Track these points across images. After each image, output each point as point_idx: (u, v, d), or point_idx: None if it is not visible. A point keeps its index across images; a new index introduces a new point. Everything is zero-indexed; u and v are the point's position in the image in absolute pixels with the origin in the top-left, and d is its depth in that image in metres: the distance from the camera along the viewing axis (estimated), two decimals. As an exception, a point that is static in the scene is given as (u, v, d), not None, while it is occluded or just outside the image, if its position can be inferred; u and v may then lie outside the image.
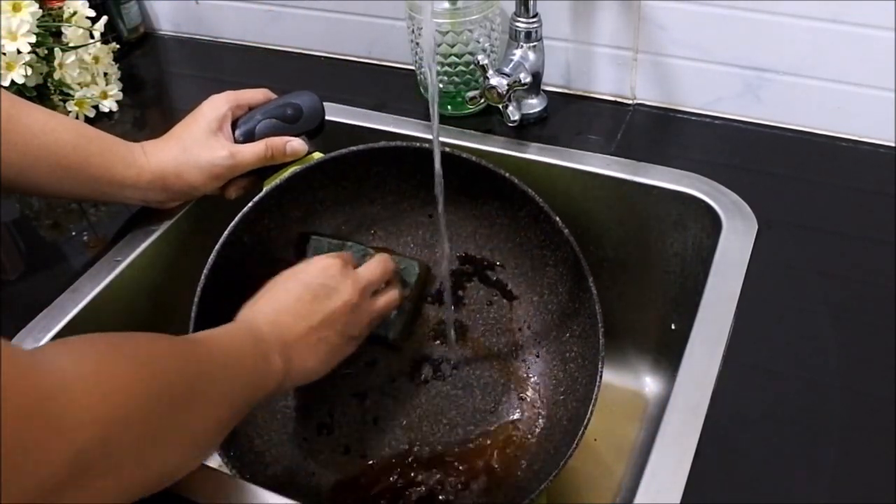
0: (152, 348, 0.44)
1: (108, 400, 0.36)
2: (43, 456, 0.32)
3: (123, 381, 0.38)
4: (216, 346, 0.49)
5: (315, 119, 0.71)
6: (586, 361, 0.65)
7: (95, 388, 0.36)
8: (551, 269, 0.69)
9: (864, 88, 0.73)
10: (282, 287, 0.59)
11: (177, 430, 0.42)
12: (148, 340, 0.44)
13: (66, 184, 0.64)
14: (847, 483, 0.50)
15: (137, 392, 0.39)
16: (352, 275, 0.61)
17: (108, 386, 0.37)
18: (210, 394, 0.45)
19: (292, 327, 0.56)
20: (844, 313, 0.60)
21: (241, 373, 0.50)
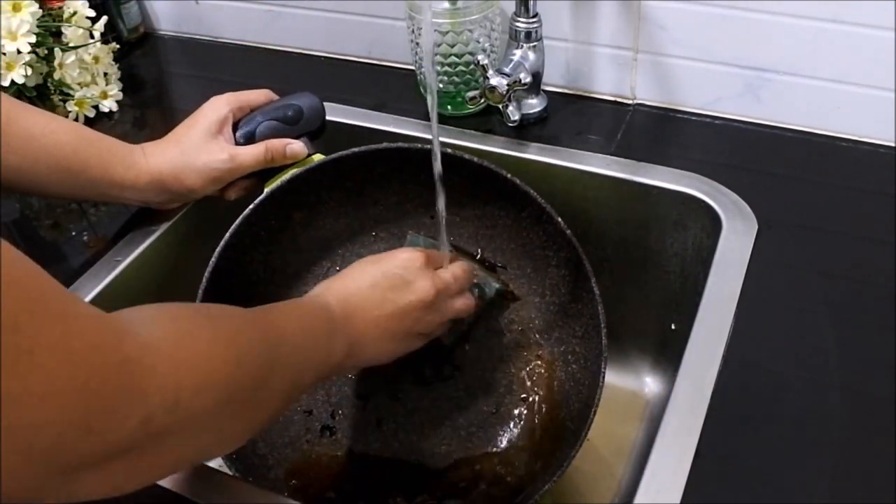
0: (232, 320, 0.43)
1: (186, 370, 0.36)
2: (117, 417, 0.32)
3: (202, 349, 0.38)
4: (290, 320, 0.49)
5: (316, 120, 0.71)
6: (589, 362, 0.65)
7: (174, 355, 0.36)
8: (553, 269, 0.69)
9: (864, 88, 0.73)
10: (360, 270, 0.58)
11: (247, 401, 0.41)
12: (227, 312, 0.44)
13: (66, 185, 0.64)
14: (847, 483, 0.50)
15: (214, 361, 0.39)
16: (433, 273, 0.60)
17: (186, 353, 0.37)
18: (282, 367, 0.45)
19: (363, 312, 0.55)
20: (844, 313, 0.60)
21: (311, 349, 0.50)
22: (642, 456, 0.74)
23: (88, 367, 0.30)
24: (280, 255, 0.69)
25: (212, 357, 0.39)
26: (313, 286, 0.70)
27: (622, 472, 0.79)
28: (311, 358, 0.50)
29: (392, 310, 0.57)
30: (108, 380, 0.31)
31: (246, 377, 0.41)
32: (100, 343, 0.32)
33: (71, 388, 0.29)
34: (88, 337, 0.31)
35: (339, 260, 0.72)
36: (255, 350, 0.43)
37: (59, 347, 0.29)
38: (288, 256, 0.70)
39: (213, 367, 0.38)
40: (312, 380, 0.50)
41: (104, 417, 0.31)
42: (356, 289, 0.56)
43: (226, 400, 0.39)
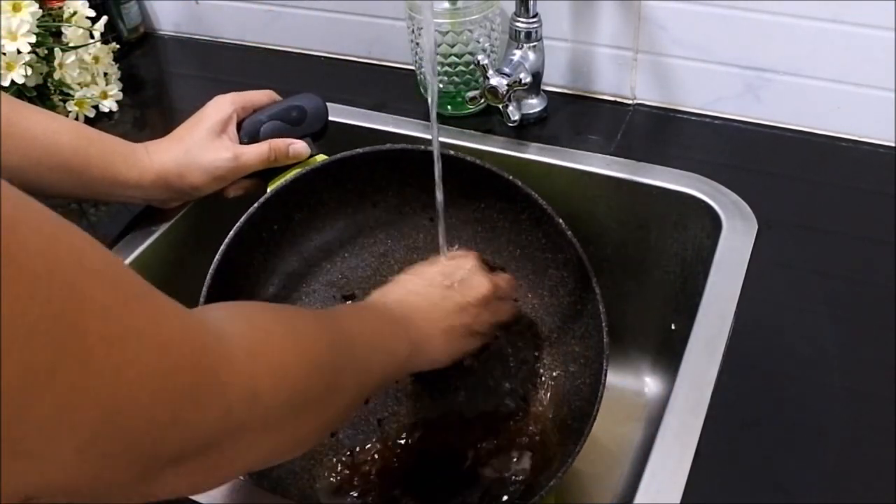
0: (304, 320, 0.44)
1: (262, 363, 0.37)
2: (200, 408, 0.32)
3: (277, 347, 0.39)
4: (355, 323, 0.50)
5: (319, 121, 0.71)
6: (590, 361, 0.65)
7: (252, 352, 0.36)
8: (554, 271, 0.69)
9: (864, 88, 0.73)
10: (415, 273, 0.59)
11: (319, 400, 0.42)
12: (300, 313, 0.45)
13: (68, 185, 0.64)
14: (847, 483, 0.50)
15: (289, 359, 0.39)
16: (486, 272, 0.61)
17: (262, 349, 0.37)
18: (351, 368, 0.45)
19: (424, 311, 0.56)
20: (844, 313, 0.60)
21: (377, 350, 0.50)
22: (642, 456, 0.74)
23: (175, 354, 0.31)
24: (281, 256, 0.69)
25: (286, 354, 0.39)
26: (315, 286, 0.71)
27: (622, 471, 0.79)
28: (377, 359, 0.50)
29: (452, 306, 0.57)
30: (192, 368, 0.32)
31: (318, 376, 0.41)
32: (183, 332, 0.32)
33: (160, 375, 0.30)
34: (173, 326, 0.31)
35: (339, 261, 0.72)
36: (327, 350, 0.43)
37: (148, 334, 0.29)
38: (289, 257, 0.70)
39: (287, 364, 0.39)
40: (379, 380, 0.51)
41: (189, 407, 0.31)
42: (414, 289, 0.57)
43: (300, 397, 0.39)
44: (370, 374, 0.49)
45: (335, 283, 0.72)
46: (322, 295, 0.71)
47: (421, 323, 0.55)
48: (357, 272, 0.72)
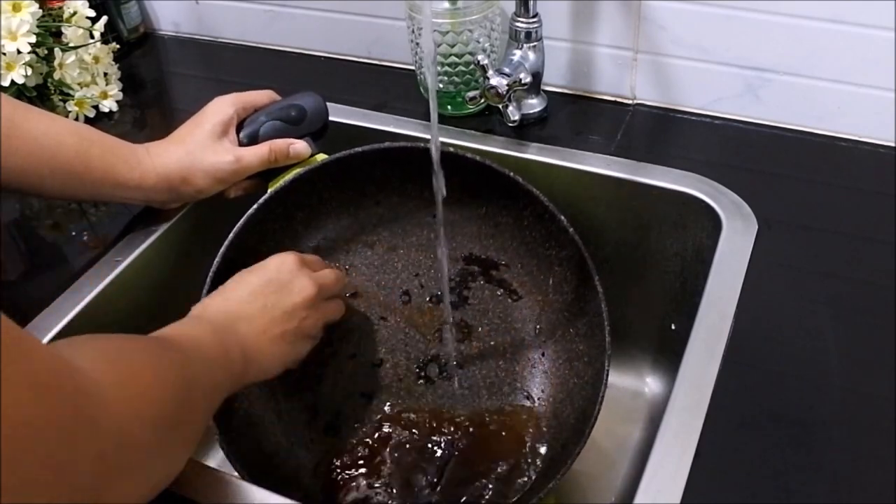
0: (153, 347, 0.44)
1: (128, 401, 0.37)
2: (73, 456, 0.31)
3: (140, 383, 0.39)
4: (192, 346, 0.49)
5: (319, 120, 0.71)
6: (592, 360, 0.65)
7: (118, 390, 0.36)
8: (556, 268, 0.69)
9: (864, 88, 0.73)
10: (236, 282, 0.59)
11: (179, 426, 0.42)
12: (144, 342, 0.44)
13: (69, 186, 0.64)
14: (847, 483, 0.50)
15: (151, 395, 0.39)
16: (309, 272, 0.61)
17: (128, 388, 0.37)
18: (198, 392, 0.46)
19: (248, 321, 0.56)
20: (844, 313, 0.60)
21: (214, 371, 0.50)
22: (642, 456, 0.74)
23: (50, 398, 0.30)
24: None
25: (147, 392, 0.39)
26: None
27: (622, 472, 0.79)
28: (215, 372, 0.50)
29: (276, 313, 0.57)
30: (66, 412, 0.31)
31: (175, 400, 0.42)
32: (57, 376, 0.31)
33: (36, 423, 0.29)
34: (47, 370, 0.31)
35: (341, 258, 0.72)
36: (177, 375, 0.43)
37: (24, 381, 0.29)
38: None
39: (149, 401, 0.39)
40: (222, 393, 0.51)
41: (65, 451, 0.31)
42: (236, 300, 0.57)
43: (163, 431, 0.40)
44: (212, 387, 0.49)
45: None
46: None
47: (248, 333, 0.55)
48: (360, 270, 0.72)
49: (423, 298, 0.73)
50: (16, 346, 0.29)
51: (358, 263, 0.72)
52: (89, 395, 0.33)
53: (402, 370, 0.71)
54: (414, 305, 0.72)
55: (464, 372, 0.71)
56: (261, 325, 0.56)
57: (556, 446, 0.66)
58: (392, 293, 0.72)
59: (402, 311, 0.72)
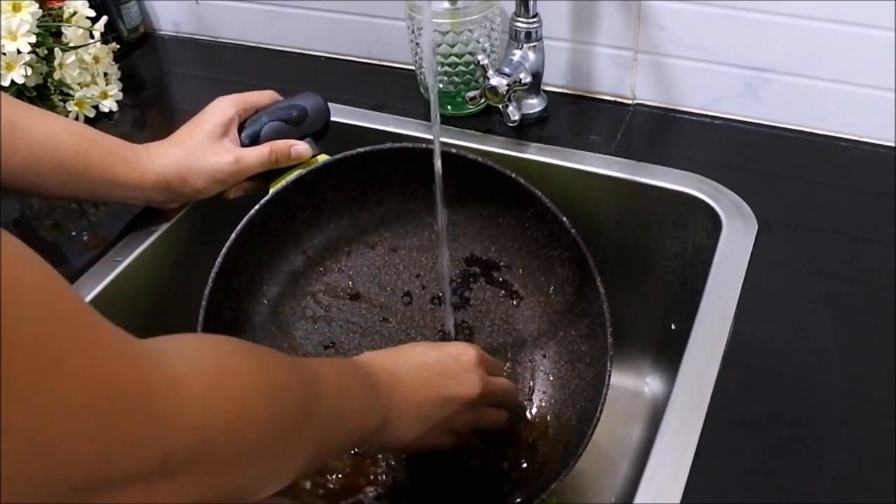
0: (272, 364, 0.41)
1: (218, 412, 0.34)
2: (137, 452, 0.30)
3: (238, 393, 0.36)
4: (333, 377, 0.47)
5: (320, 121, 0.71)
6: (594, 361, 0.65)
7: (206, 396, 0.34)
8: (558, 269, 0.69)
9: (864, 88, 0.73)
10: (413, 348, 0.58)
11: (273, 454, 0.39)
12: (272, 356, 0.41)
13: (69, 186, 0.64)
14: (847, 483, 0.50)
15: (248, 408, 0.36)
16: (483, 373, 0.59)
17: (221, 394, 0.35)
18: (314, 427, 0.42)
19: (407, 389, 0.54)
20: (844, 313, 0.60)
21: (347, 412, 0.47)
22: (642, 456, 0.74)
23: (111, 396, 0.29)
24: (285, 256, 0.69)
25: (246, 403, 0.36)
26: (319, 286, 0.71)
27: (622, 472, 0.79)
28: (345, 421, 0.47)
29: (436, 396, 0.56)
30: (130, 412, 0.30)
31: (278, 429, 0.39)
32: (123, 371, 0.30)
33: (91, 416, 0.28)
34: (114, 364, 0.30)
35: (343, 260, 0.72)
36: (291, 404, 0.40)
37: (81, 374, 0.28)
38: (293, 257, 0.70)
39: (245, 413, 0.36)
40: (342, 444, 0.48)
41: (124, 450, 0.30)
42: (406, 364, 0.55)
43: (251, 450, 0.37)
44: (335, 436, 0.46)
45: (339, 282, 0.72)
46: (326, 295, 0.71)
47: (401, 400, 0.53)
48: (361, 271, 0.72)
49: (425, 299, 0.72)
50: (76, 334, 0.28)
51: (359, 264, 0.72)
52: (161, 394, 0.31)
53: None
54: (415, 306, 0.72)
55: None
56: (414, 397, 0.54)
57: (557, 447, 0.66)
58: (393, 294, 0.72)
59: (404, 312, 0.72)
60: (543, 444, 0.68)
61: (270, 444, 0.38)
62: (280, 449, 0.39)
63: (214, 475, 0.35)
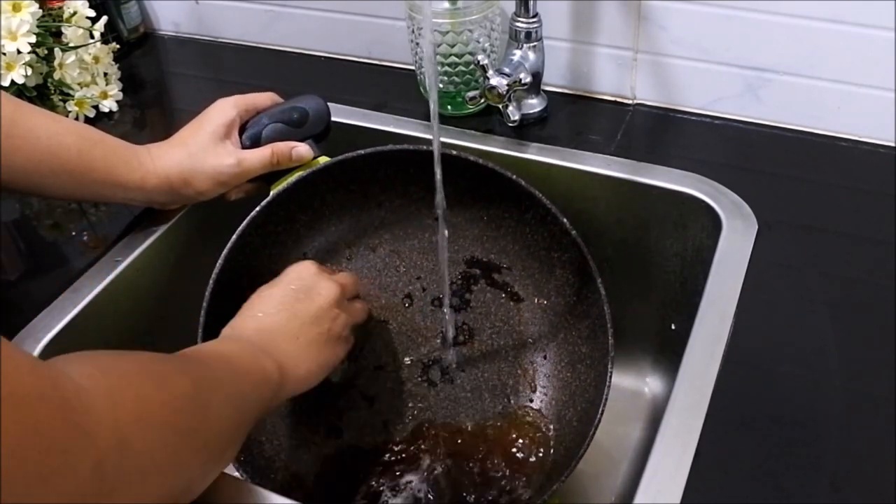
0: (162, 361, 0.43)
1: (124, 407, 0.36)
2: (69, 463, 0.31)
3: (136, 389, 0.38)
4: (215, 358, 0.49)
5: (321, 123, 0.71)
6: (595, 362, 0.65)
7: (112, 397, 0.35)
8: (559, 270, 0.69)
9: (864, 88, 0.73)
10: (260, 298, 0.59)
11: (192, 436, 0.41)
12: (156, 355, 0.43)
13: (70, 187, 0.64)
14: (847, 483, 0.50)
15: (151, 400, 0.38)
16: (328, 275, 0.62)
17: (123, 394, 0.37)
18: (217, 403, 0.45)
19: (280, 332, 0.56)
20: (844, 313, 0.60)
21: (241, 381, 0.49)
22: (642, 456, 0.74)
23: (34, 413, 0.30)
24: (286, 258, 0.69)
25: (148, 397, 0.38)
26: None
27: (622, 472, 0.79)
28: (247, 389, 0.49)
29: (307, 317, 0.57)
30: (55, 425, 0.31)
31: (184, 410, 0.41)
32: (40, 388, 0.31)
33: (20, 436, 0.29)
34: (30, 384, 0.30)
35: (344, 262, 0.72)
36: (190, 385, 0.42)
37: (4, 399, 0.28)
38: (293, 258, 0.70)
39: (150, 406, 0.38)
40: (257, 411, 0.50)
41: (57, 462, 0.30)
42: (263, 314, 0.57)
43: (170, 434, 0.39)
44: (243, 404, 0.48)
45: None
46: None
47: (281, 342, 0.55)
48: (363, 273, 0.72)
49: (425, 301, 0.72)
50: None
51: (360, 266, 0.72)
52: (79, 403, 0.33)
53: (404, 373, 0.71)
54: (416, 308, 0.72)
55: (466, 375, 0.71)
56: (292, 332, 0.56)
57: (559, 448, 0.66)
58: (394, 296, 0.72)
59: (405, 313, 0.72)
60: (545, 446, 0.68)
61: (184, 431, 0.40)
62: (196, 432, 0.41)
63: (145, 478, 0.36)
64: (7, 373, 0.29)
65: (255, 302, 0.59)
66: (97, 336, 0.65)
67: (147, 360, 0.42)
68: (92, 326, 0.65)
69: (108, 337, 0.66)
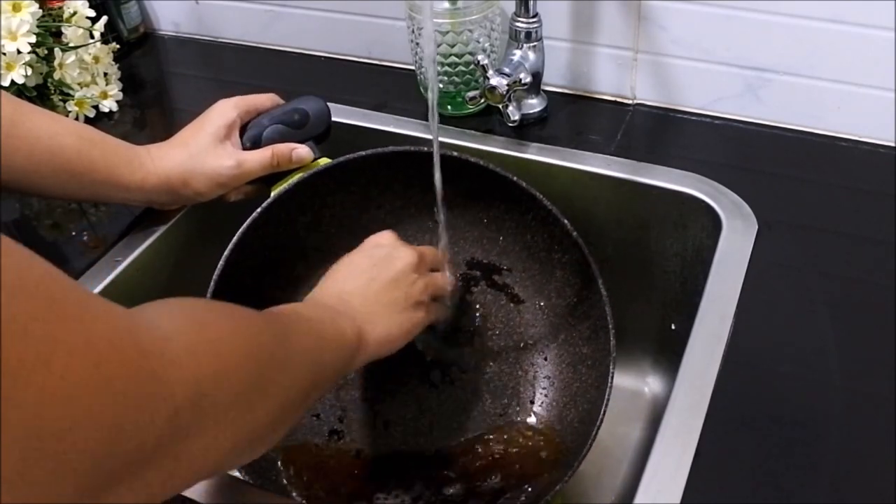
0: (243, 313, 0.44)
1: (205, 360, 0.36)
2: (145, 414, 0.31)
3: (218, 340, 0.38)
4: (295, 318, 0.49)
5: (322, 124, 0.71)
6: (597, 363, 0.65)
7: (192, 347, 0.36)
8: (560, 271, 0.69)
9: (864, 88, 0.73)
10: (338, 267, 0.60)
11: (267, 393, 0.41)
12: (238, 308, 0.44)
13: (70, 187, 0.64)
14: (847, 483, 0.50)
15: (231, 351, 0.39)
16: (405, 244, 0.62)
17: (204, 346, 0.37)
18: (297, 359, 0.45)
19: (359, 294, 0.56)
20: (844, 313, 0.60)
21: (321, 340, 0.50)
22: (642, 456, 0.74)
23: (109, 364, 0.30)
24: (286, 259, 0.69)
25: (229, 346, 0.38)
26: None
27: (622, 472, 0.79)
28: (325, 348, 0.50)
29: (385, 280, 0.58)
30: (131, 375, 0.31)
31: (263, 366, 0.41)
32: (118, 338, 0.31)
33: (94, 388, 0.29)
34: (106, 333, 0.30)
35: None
36: (269, 339, 0.43)
37: (78, 347, 0.28)
38: (294, 260, 0.70)
39: (230, 355, 0.38)
40: (333, 371, 0.50)
41: (133, 414, 0.30)
42: (343, 279, 0.58)
43: (246, 388, 0.39)
44: (318, 366, 0.48)
45: None
46: None
47: (360, 304, 0.55)
48: None
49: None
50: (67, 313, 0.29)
51: None
52: (159, 354, 0.33)
53: (405, 375, 0.71)
54: None
55: (467, 377, 0.71)
56: (370, 295, 0.57)
57: (561, 449, 0.66)
58: None
59: None
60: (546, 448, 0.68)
61: (259, 386, 0.40)
62: (269, 389, 0.41)
63: (219, 429, 0.36)
64: (84, 325, 0.29)
65: (336, 269, 0.59)
66: (97, 336, 0.65)
67: (232, 312, 0.42)
68: (92, 326, 0.65)
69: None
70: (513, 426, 0.69)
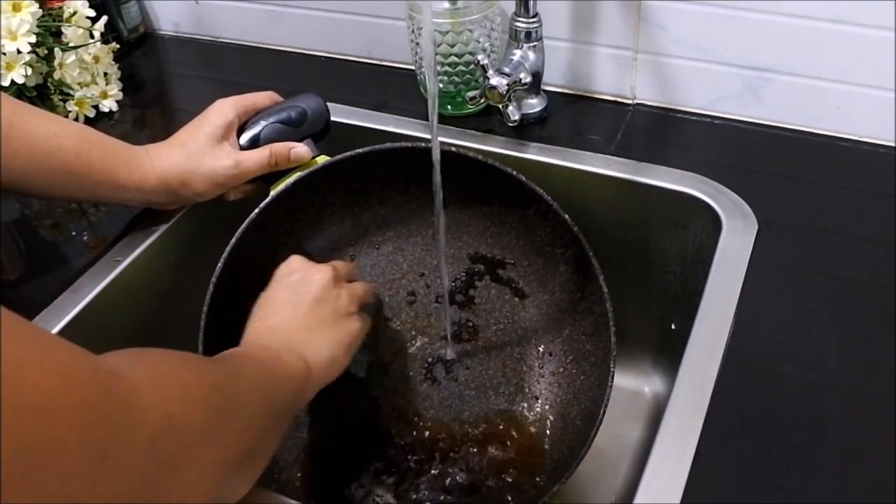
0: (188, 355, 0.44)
1: (167, 387, 0.37)
2: (125, 450, 0.31)
3: (174, 374, 0.39)
4: (238, 356, 0.50)
5: (320, 122, 0.71)
6: (598, 360, 0.65)
7: (153, 380, 0.36)
8: (562, 266, 0.69)
9: (864, 88, 0.73)
10: (261, 302, 0.59)
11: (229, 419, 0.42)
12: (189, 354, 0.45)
13: (69, 187, 0.64)
14: (847, 483, 0.50)
15: (189, 383, 0.39)
16: (315, 263, 0.62)
17: (163, 378, 0.38)
18: (252, 394, 0.46)
19: (289, 325, 0.56)
20: (844, 313, 0.60)
21: (268, 373, 0.50)
22: (642, 456, 0.74)
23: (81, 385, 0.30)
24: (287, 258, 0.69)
25: (185, 380, 0.39)
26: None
27: (622, 472, 0.79)
28: (274, 381, 0.50)
29: (309, 303, 0.58)
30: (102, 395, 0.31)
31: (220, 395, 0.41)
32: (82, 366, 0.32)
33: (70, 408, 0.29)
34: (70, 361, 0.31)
35: (347, 260, 0.72)
36: (220, 376, 0.43)
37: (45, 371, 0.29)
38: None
39: (189, 388, 0.39)
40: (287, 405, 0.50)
41: (113, 436, 0.31)
42: (268, 316, 0.57)
43: (212, 415, 0.39)
44: (273, 398, 0.48)
45: None
46: None
47: (294, 335, 0.55)
48: (365, 271, 0.72)
49: (429, 298, 0.72)
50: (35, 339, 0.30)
51: (363, 264, 0.72)
52: (124, 383, 0.33)
53: (407, 371, 0.71)
54: (419, 306, 0.72)
55: (470, 372, 0.71)
56: (300, 322, 0.57)
57: (562, 447, 0.66)
58: (397, 294, 0.72)
59: (408, 311, 0.72)
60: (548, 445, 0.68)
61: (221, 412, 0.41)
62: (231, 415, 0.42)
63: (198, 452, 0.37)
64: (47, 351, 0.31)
65: (258, 308, 0.59)
66: (97, 336, 0.65)
67: (178, 353, 0.43)
68: (92, 326, 0.65)
69: (108, 337, 0.66)
70: (515, 423, 0.69)
